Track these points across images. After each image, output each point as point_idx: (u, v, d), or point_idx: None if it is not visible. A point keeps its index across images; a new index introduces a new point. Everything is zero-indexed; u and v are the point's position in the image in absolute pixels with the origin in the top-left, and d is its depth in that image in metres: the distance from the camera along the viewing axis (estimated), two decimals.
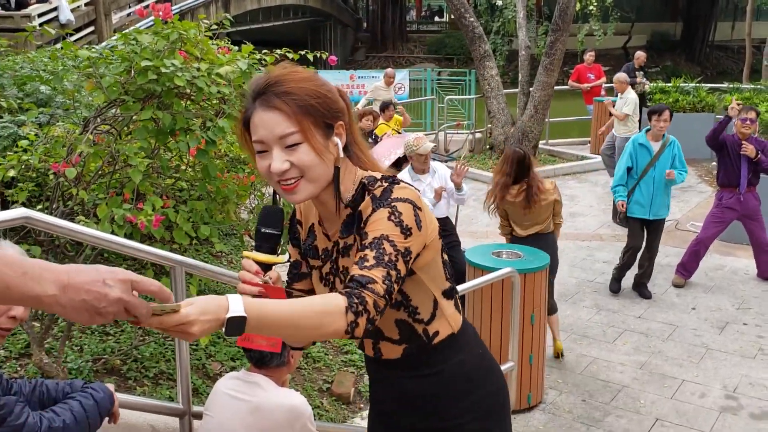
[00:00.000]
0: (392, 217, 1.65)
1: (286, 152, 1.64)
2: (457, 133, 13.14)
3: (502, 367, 4.09)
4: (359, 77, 15.33)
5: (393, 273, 1.60)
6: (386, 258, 1.61)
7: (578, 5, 13.81)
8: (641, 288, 6.66)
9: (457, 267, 5.70)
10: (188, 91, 3.51)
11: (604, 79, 13.45)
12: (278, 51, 3.93)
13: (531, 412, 4.68)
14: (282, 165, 1.63)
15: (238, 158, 4.52)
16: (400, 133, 9.58)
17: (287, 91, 1.64)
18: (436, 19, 42.60)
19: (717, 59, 32.45)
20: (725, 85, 14.17)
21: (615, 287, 6.74)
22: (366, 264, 1.60)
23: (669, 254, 7.55)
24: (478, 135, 13.04)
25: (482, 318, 4.58)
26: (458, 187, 5.78)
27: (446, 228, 5.89)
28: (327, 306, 1.50)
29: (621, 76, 10.42)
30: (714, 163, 11.27)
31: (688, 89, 12.64)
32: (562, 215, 5.43)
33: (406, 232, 1.65)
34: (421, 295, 1.82)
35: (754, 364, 5.28)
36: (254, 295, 1.64)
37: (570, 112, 14.40)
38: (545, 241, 5.20)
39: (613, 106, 10.26)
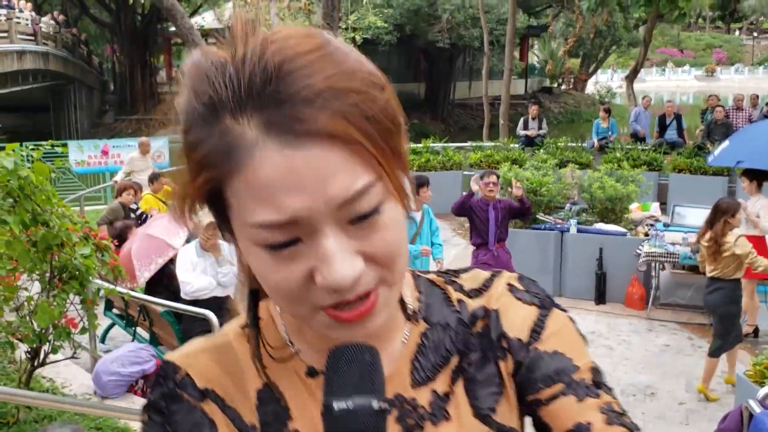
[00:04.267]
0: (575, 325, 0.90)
1: (353, 234, 0.69)
2: None
3: None
4: (114, 147, 14.64)
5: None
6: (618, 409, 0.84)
7: None
8: None
9: None
10: None
11: None
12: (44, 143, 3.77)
13: None
14: (355, 267, 0.69)
15: None
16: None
17: (332, 88, 0.66)
18: None
19: (458, 116, 35.41)
20: (469, 144, 15.55)
21: None
22: (612, 413, 0.82)
23: None
24: None
25: None
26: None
27: (227, 306, 5.87)
28: None
29: None
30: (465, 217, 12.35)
31: (437, 149, 13.70)
32: (753, 262, 5.95)
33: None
34: None
35: None
36: None
37: None
38: (721, 287, 5.97)
39: None
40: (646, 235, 8.53)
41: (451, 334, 0.87)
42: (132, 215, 8.73)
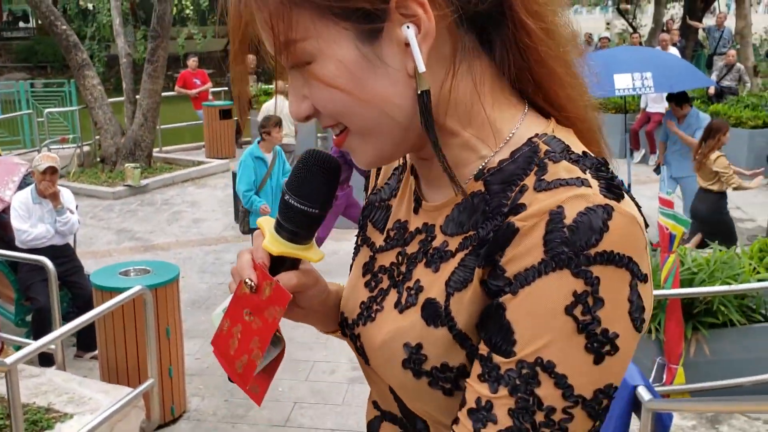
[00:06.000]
0: (578, 309, 0.72)
1: (304, 81, 0.82)
2: (63, 149, 12.35)
3: (142, 387, 4.09)
4: None
5: None
6: (532, 419, 0.73)
7: (174, 10, 13.86)
8: None
9: (83, 293, 5.47)
10: None
11: (210, 84, 13.77)
12: None
13: (176, 423, 4.71)
14: (298, 106, 0.84)
15: None
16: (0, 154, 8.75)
17: None
18: (21, 24, 39.08)
19: None
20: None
21: None
22: (483, 414, 0.76)
23: None
24: (86, 148, 12.42)
25: (116, 341, 4.47)
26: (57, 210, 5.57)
27: (66, 254, 5.64)
28: None
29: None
30: None
31: None
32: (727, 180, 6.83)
33: (600, 356, 0.73)
34: None
35: None
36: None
37: (181, 118, 14.43)
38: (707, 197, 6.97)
39: None
40: None
41: (485, 209, 0.83)
42: None
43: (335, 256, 7.92)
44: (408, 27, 0.75)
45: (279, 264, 0.92)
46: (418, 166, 0.94)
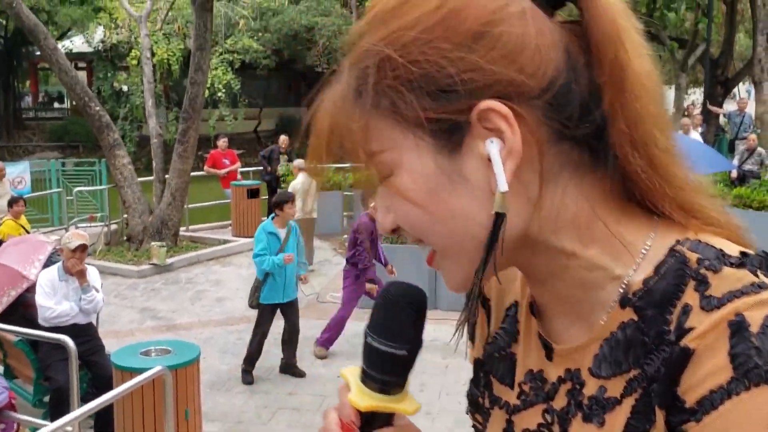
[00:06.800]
0: None
1: (389, 191, 0.75)
2: (91, 227, 12.47)
3: None
4: None
5: None
6: None
7: (206, 92, 14.21)
8: (292, 369, 6.86)
9: (103, 374, 5.38)
10: None
11: (239, 164, 13.98)
12: None
13: None
14: (384, 218, 0.77)
15: None
16: (29, 232, 8.83)
17: (354, 58, 0.73)
18: (56, 105, 40.34)
19: None
20: (349, 164, 15.62)
21: (249, 379, 6.64)
22: None
23: (313, 327, 7.92)
24: (113, 227, 12.53)
25: (134, 422, 4.36)
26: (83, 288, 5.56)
27: (88, 333, 5.59)
28: None
29: (300, 162, 10.97)
30: (346, 236, 12.32)
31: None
32: None
33: None
34: None
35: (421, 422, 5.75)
36: None
37: (208, 197, 14.58)
38: None
39: None
40: None
41: (644, 340, 0.70)
42: None
43: (359, 337, 7.76)
44: (492, 141, 0.68)
45: (370, 421, 0.80)
46: (540, 299, 0.82)
